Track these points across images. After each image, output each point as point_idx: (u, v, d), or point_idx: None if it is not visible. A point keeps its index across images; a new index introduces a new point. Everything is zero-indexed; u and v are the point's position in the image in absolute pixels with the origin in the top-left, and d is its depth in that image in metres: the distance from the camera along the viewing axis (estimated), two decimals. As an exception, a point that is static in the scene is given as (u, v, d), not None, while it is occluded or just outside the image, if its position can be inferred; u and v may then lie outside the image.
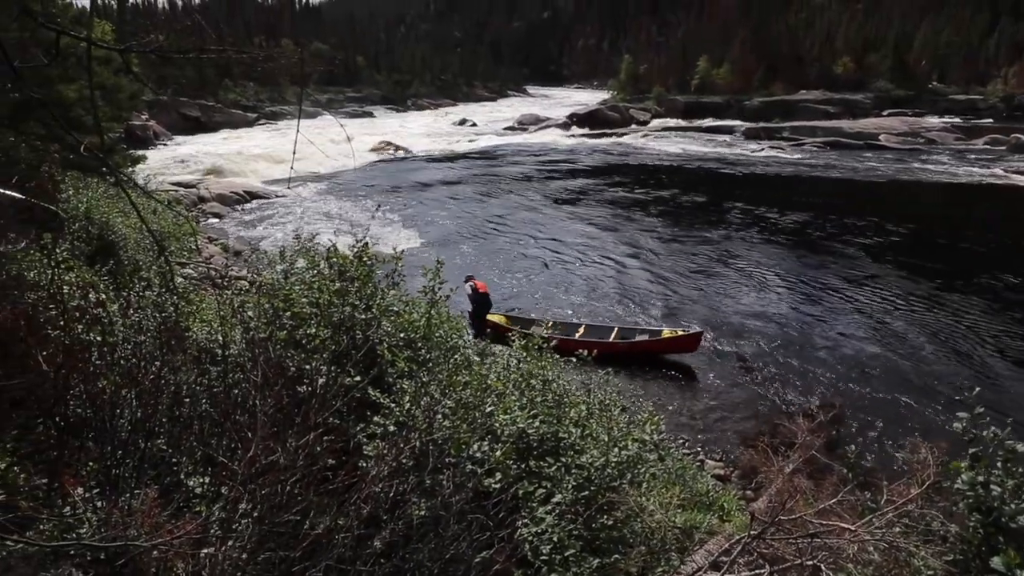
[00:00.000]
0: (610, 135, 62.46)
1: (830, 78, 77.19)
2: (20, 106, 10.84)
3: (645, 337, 15.28)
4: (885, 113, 65.76)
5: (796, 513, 4.10)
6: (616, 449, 4.74)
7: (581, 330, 15.43)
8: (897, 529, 3.71)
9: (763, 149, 52.65)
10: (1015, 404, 12.79)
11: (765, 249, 24.21)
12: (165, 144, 52.66)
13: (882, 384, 13.95)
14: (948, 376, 14.35)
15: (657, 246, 24.57)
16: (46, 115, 10.69)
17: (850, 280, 20.55)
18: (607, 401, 5.63)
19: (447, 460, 3.89)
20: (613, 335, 15.37)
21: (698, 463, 10.70)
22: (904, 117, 62.07)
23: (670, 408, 12.84)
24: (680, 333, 15.25)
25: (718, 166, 44.90)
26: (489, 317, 15.22)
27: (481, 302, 15.02)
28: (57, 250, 6.03)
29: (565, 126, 68.73)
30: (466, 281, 15.35)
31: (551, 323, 16.10)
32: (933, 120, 62.42)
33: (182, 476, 4.13)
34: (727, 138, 59.51)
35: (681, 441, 11.70)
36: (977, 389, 3.55)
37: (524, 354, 5.72)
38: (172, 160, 41.34)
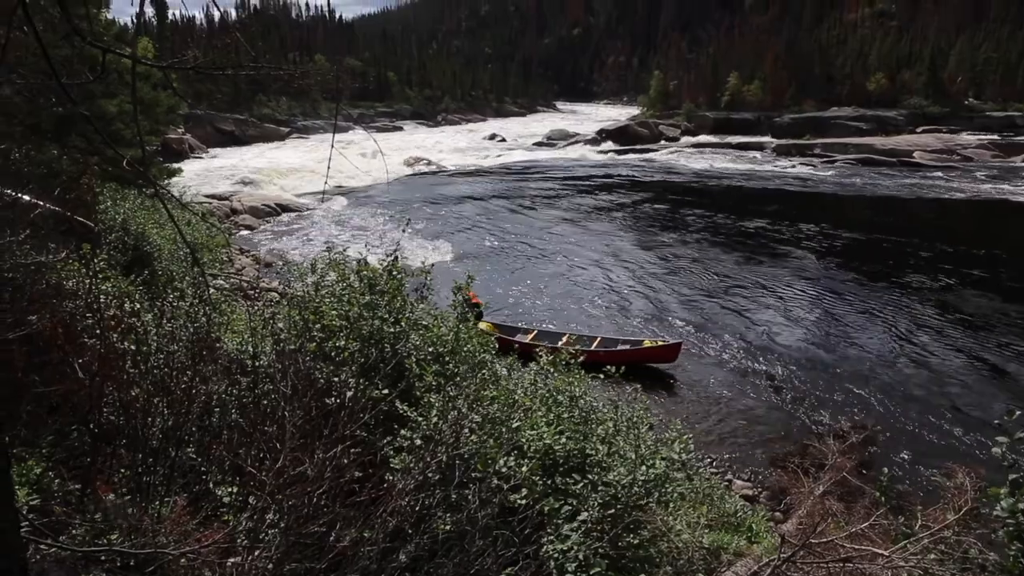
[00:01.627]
0: (640, 151, 62.33)
1: (863, 95, 76.34)
2: (63, 120, 11.15)
3: (626, 347, 15.49)
4: (919, 130, 64.74)
5: (827, 536, 4.02)
6: (643, 467, 4.68)
7: (565, 339, 15.56)
8: (933, 556, 3.61)
9: (794, 166, 52.14)
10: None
11: (795, 267, 23.91)
12: (200, 157, 53.66)
13: (916, 405, 13.65)
14: (986, 399, 14.00)
15: (685, 263, 24.40)
16: (87, 128, 10.97)
17: (883, 299, 20.20)
18: (635, 418, 5.58)
19: (473, 475, 3.88)
20: (595, 344, 15.62)
21: (726, 483, 10.55)
22: (939, 134, 61.13)
23: (697, 427, 12.68)
24: (660, 343, 15.58)
25: (748, 182, 44.56)
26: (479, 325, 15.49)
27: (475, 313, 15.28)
28: (95, 260, 6.15)
29: (594, 142, 68.76)
30: (458, 291, 15.58)
31: (536, 331, 16.32)
32: (969, 137, 61.35)
33: (211, 485, 4.16)
34: (757, 155, 59.04)
35: (708, 460, 11.55)
36: (1017, 413, 3.45)
37: (552, 370, 5.71)
38: (206, 173, 42.08)
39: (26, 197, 5.56)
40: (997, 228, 31.98)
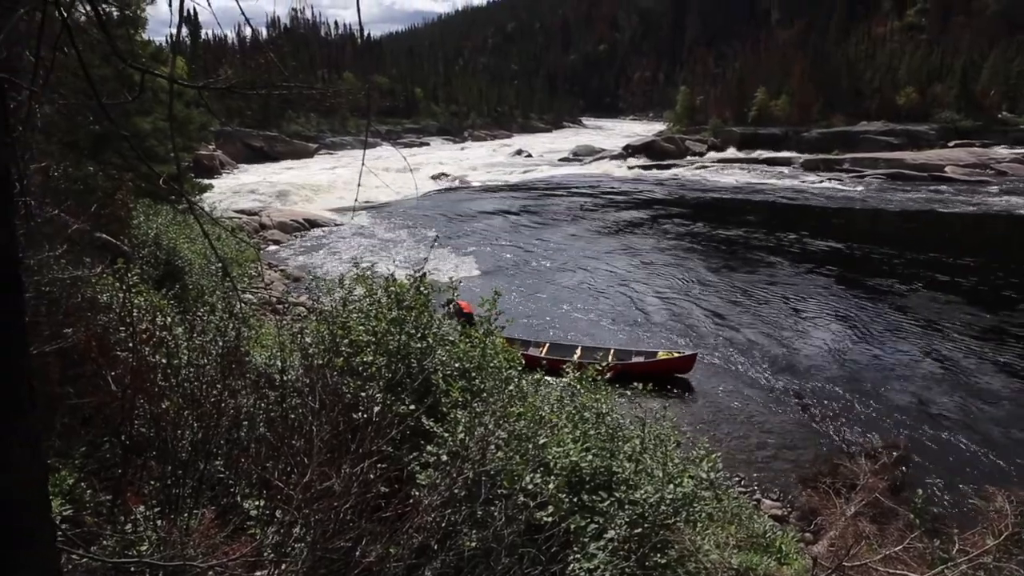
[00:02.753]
0: (666, 166, 62.12)
1: (892, 109, 75.38)
2: (100, 137, 11.42)
3: (641, 359, 15.37)
4: (951, 144, 63.68)
5: (861, 559, 3.93)
6: (671, 486, 4.63)
7: (578, 352, 15.41)
8: (971, 582, 3.51)
9: (822, 181, 51.62)
10: (1097, 451, 12.08)
11: (823, 282, 23.60)
12: (230, 173, 54.55)
13: (951, 425, 13.35)
14: None
15: (712, 279, 24.21)
16: (122, 146, 11.22)
17: (916, 315, 19.84)
18: (662, 436, 5.52)
19: (499, 492, 3.86)
20: (610, 356, 15.36)
21: (754, 502, 10.39)
22: (971, 148, 60.06)
23: (725, 445, 12.52)
24: (676, 355, 15.49)
25: (776, 198, 44.18)
26: None
27: (464, 322, 15.07)
28: (128, 275, 6.27)
29: (620, 157, 68.68)
30: (449, 303, 15.53)
31: (548, 344, 16.17)
32: (1003, 151, 60.20)
33: (238, 498, 4.18)
34: (785, 170, 58.55)
35: (737, 479, 11.38)
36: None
37: (578, 386, 5.68)
38: (236, 188, 42.75)
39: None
40: (1033, 244, 31.32)
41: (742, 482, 11.41)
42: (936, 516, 9.35)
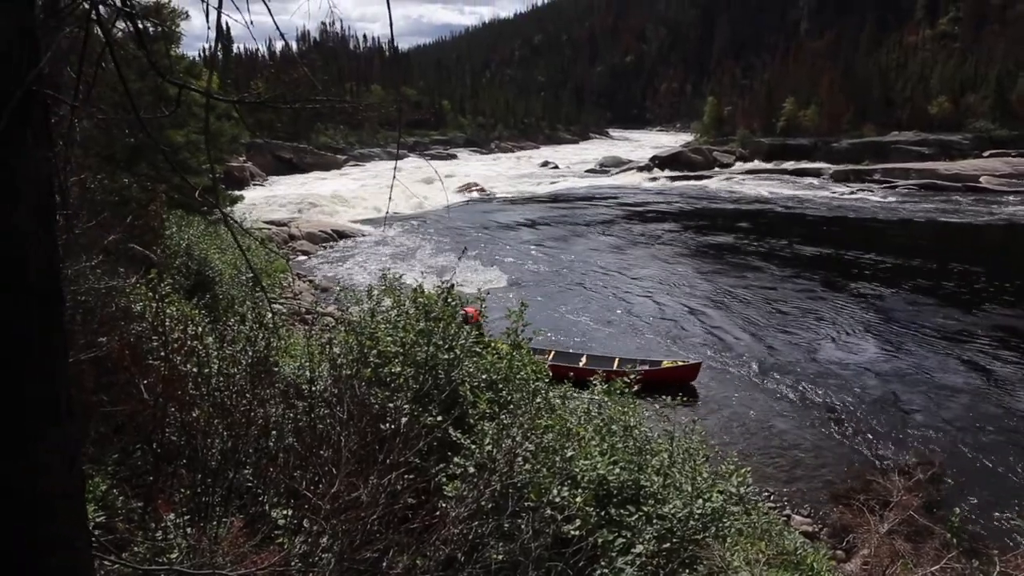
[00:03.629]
0: (693, 177, 61.74)
1: (924, 119, 74.18)
2: (135, 150, 11.67)
3: (645, 367, 15.25)
4: (986, 154, 62.44)
5: (896, 579, 3.84)
6: (700, 500, 4.57)
7: (583, 360, 15.61)
8: (1012, 604, 3.40)
9: (853, 192, 50.94)
10: None
11: (855, 295, 23.23)
12: (260, 184, 55.34)
13: (988, 442, 13.02)
14: (1063, 436, 13.28)
15: (738, 290, 23.96)
16: (156, 158, 11.44)
17: (950, 329, 19.43)
18: (691, 449, 5.46)
19: (526, 504, 3.84)
20: (615, 364, 15.46)
21: (784, 518, 10.21)
22: (1007, 158, 58.80)
23: (754, 458, 12.32)
24: (680, 363, 15.72)
25: (805, 209, 43.68)
26: None
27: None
28: (161, 285, 6.37)
29: (647, 168, 68.41)
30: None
31: (552, 352, 16.17)
32: (1040, 160, 58.92)
33: (266, 507, 4.21)
34: (814, 180, 57.88)
35: (766, 494, 11.20)
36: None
37: (606, 399, 5.64)
38: (266, 200, 43.34)
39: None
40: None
41: (771, 497, 11.23)
42: (974, 536, 9.12)
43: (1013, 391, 15.31)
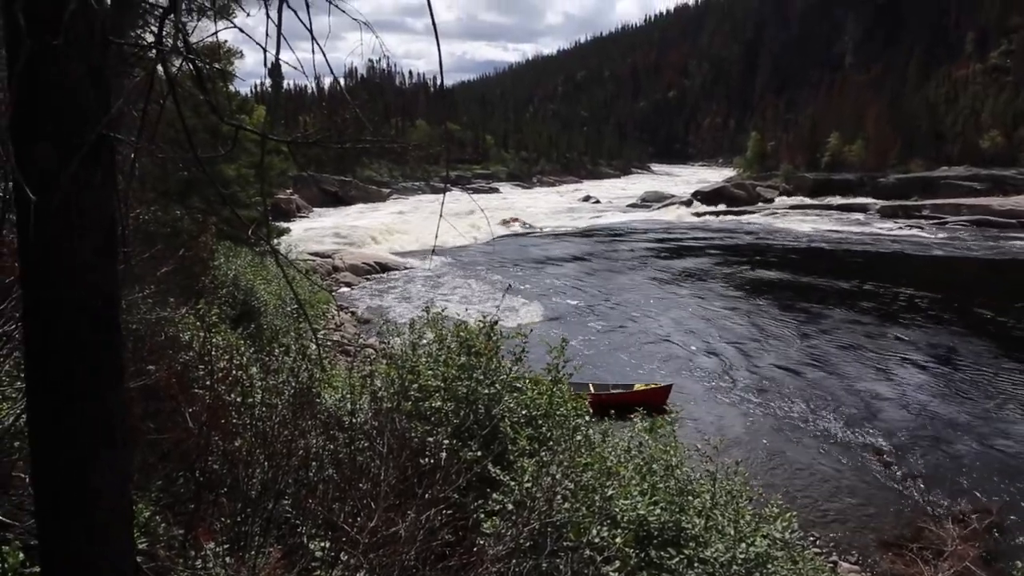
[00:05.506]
0: (736, 213, 61.26)
1: (975, 153, 72.52)
2: (188, 184, 12.07)
3: (619, 391, 15.60)
4: (1041, 189, 60.78)
5: (952, 635, 3.67)
6: (743, 544, 4.45)
7: None
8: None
9: (901, 228, 49.92)
10: None
11: (905, 334, 22.60)
12: (306, 216, 56.54)
13: (1048, 490, 12.43)
14: None
15: (782, 328, 23.51)
16: (208, 192, 11.81)
17: (1006, 370, 18.72)
18: (734, 491, 5.33)
19: (565, 544, 3.78)
20: (591, 389, 15.30)
21: (831, 564, 9.86)
22: (1065, 194, 57.16)
23: (799, 501, 11.97)
24: (652, 386, 16.11)
25: (851, 246, 42.89)
26: None
27: None
28: (208, 315, 6.51)
29: (689, 203, 68.11)
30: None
31: None
32: (1099, 198, 56.98)
33: (304, 539, 4.22)
34: (860, 216, 56.93)
35: (812, 538, 10.84)
36: None
37: (647, 437, 5.56)
38: (311, 231, 44.22)
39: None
40: None
41: (817, 541, 10.86)
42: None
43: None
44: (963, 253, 39.48)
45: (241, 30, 1.74)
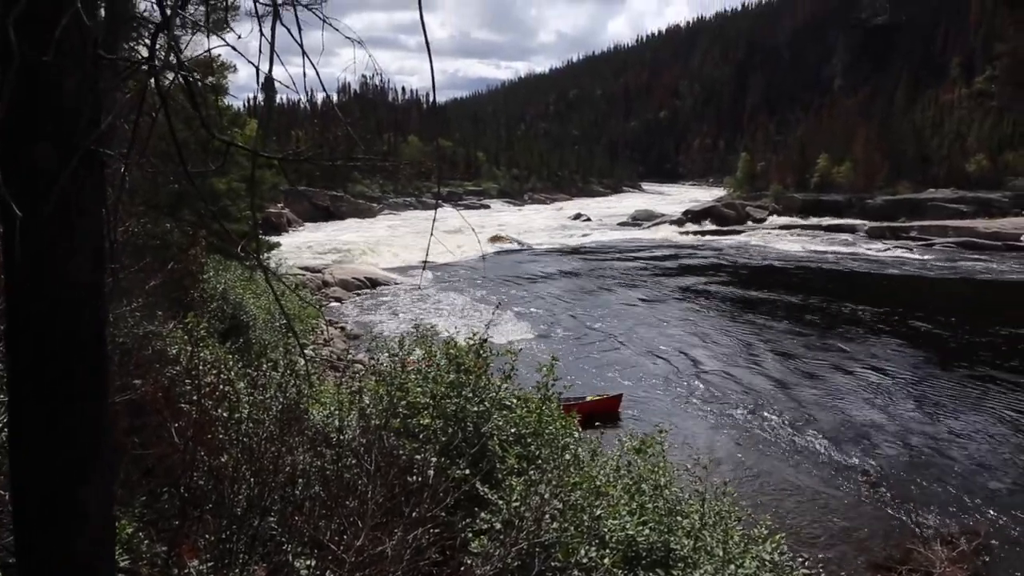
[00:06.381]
0: (726, 232, 61.61)
1: (961, 176, 73.42)
2: (178, 196, 12.03)
3: (571, 402, 15.48)
4: (1026, 213, 61.51)
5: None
6: (732, 566, 4.43)
7: None
8: None
9: (888, 249, 50.31)
10: None
11: (892, 355, 22.70)
12: (297, 231, 56.50)
13: (1035, 512, 12.46)
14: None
15: (770, 347, 23.57)
16: (198, 204, 11.78)
17: (995, 391, 18.81)
18: (723, 512, 5.31)
19: (553, 564, 3.76)
20: None
21: (820, 586, 9.82)
22: (1050, 216, 57.88)
23: (788, 522, 11.94)
24: (603, 397, 16.44)
25: (838, 266, 43.18)
26: None
27: None
28: (196, 330, 6.47)
29: (679, 222, 68.48)
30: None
31: None
32: (1083, 221, 57.68)
33: (290, 557, 4.17)
34: (848, 237, 57.39)
35: (801, 560, 10.80)
36: None
37: (636, 456, 5.54)
38: (301, 246, 44.15)
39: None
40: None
41: (806, 563, 10.81)
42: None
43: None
44: (950, 275, 39.81)
45: (234, 48, 1.74)
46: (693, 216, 70.33)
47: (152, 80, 1.72)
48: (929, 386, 19.49)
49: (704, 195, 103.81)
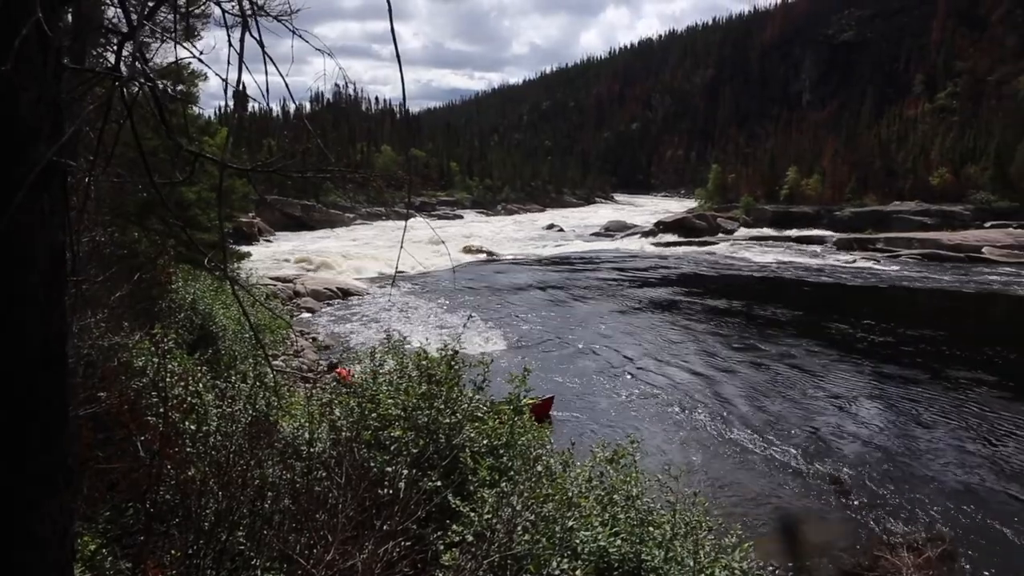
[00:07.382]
0: (697, 243, 62.19)
1: (925, 189, 75.18)
2: (145, 205, 11.85)
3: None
4: (987, 225, 62.98)
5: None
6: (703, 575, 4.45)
7: None
8: None
9: (856, 260, 51.19)
10: None
11: (859, 363, 23.06)
12: (269, 241, 55.91)
13: (1003, 518, 12.69)
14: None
15: (739, 359, 23.81)
16: (167, 213, 11.61)
17: (959, 399, 19.19)
18: (693, 522, 5.33)
19: (525, 577, 3.74)
20: None
21: (790, 594, 9.91)
22: (1009, 229, 59.21)
23: (759, 530, 12.05)
24: (535, 400, 16.38)
25: (808, 277, 43.81)
26: None
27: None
28: (164, 341, 6.36)
29: (652, 233, 69.02)
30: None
31: None
32: (1041, 233, 59.20)
33: (258, 572, 4.11)
34: (817, 248, 58.32)
35: (771, 568, 10.89)
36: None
37: (608, 467, 5.56)
38: (273, 256, 43.69)
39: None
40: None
41: (776, 571, 10.91)
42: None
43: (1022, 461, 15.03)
44: (916, 285, 40.60)
45: (202, 60, 1.72)
46: (665, 227, 70.92)
47: (119, 90, 1.70)
48: (897, 395, 19.82)
49: (676, 206, 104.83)
